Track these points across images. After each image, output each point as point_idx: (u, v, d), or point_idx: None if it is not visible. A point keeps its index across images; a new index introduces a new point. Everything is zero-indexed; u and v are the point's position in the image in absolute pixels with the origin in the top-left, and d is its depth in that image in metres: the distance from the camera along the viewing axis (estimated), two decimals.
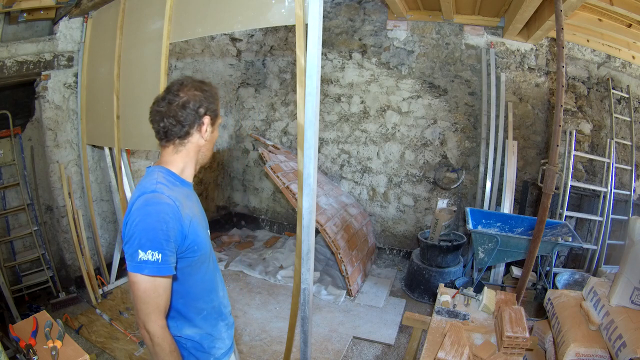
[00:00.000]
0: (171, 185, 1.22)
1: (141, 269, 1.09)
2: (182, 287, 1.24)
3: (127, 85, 2.88)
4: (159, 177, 1.22)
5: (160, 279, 1.13)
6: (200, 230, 1.24)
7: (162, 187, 1.18)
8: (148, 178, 1.23)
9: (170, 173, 1.26)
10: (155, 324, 1.14)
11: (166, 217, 1.12)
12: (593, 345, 1.92)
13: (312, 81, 1.67)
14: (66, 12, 3.10)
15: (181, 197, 1.21)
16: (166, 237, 1.12)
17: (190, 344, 1.30)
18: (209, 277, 1.32)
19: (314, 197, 1.79)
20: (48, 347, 1.71)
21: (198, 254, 1.24)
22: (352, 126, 4.69)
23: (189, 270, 1.24)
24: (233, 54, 4.96)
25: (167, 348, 1.16)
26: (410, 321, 2.36)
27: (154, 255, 1.09)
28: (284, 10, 1.83)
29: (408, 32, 4.32)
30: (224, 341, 1.40)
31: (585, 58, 3.80)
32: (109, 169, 3.34)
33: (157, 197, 1.14)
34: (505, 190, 3.72)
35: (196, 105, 1.24)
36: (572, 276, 3.28)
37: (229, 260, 4.33)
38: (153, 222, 1.11)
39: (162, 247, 1.11)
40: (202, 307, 1.31)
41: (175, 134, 1.24)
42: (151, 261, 1.09)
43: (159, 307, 1.14)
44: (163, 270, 1.12)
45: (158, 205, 1.13)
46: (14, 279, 3.27)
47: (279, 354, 2.82)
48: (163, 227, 1.11)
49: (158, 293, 1.13)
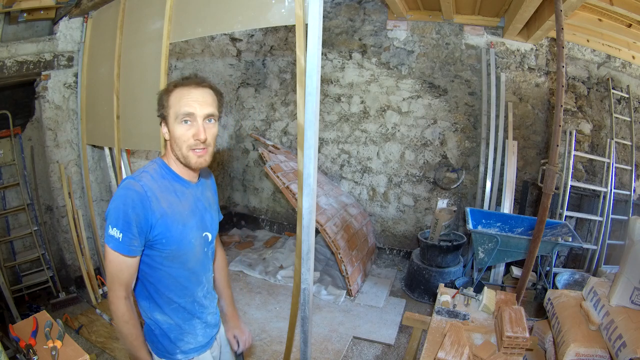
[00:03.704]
0: (157, 177, 1.27)
1: (108, 241, 1.18)
2: (154, 275, 1.28)
3: (127, 85, 2.88)
4: (149, 167, 1.29)
5: (122, 256, 1.19)
6: (174, 226, 1.26)
7: (145, 176, 1.25)
8: (144, 166, 1.31)
9: (164, 165, 1.32)
10: (112, 293, 1.22)
11: (132, 203, 1.18)
12: (593, 345, 1.92)
13: (312, 81, 1.67)
14: (66, 12, 3.10)
15: (161, 190, 1.25)
16: (128, 220, 1.17)
17: (159, 331, 1.34)
18: (183, 275, 1.32)
19: (314, 197, 1.79)
20: (48, 347, 1.70)
21: (168, 248, 1.26)
22: (352, 126, 4.69)
23: (160, 261, 1.27)
24: (233, 54, 4.96)
25: (121, 317, 1.22)
26: (410, 321, 2.35)
27: (117, 233, 1.17)
28: (284, 10, 1.83)
29: (408, 32, 4.32)
30: (196, 337, 1.40)
31: (585, 58, 3.80)
32: (109, 169, 3.34)
33: (132, 183, 1.21)
34: (505, 190, 3.72)
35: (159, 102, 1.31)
36: (572, 276, 3.28)
37: (229, 260, 4.33)
38: (119, 204, 1.18)
39: (123, 228, 1.17)
40: (172, 299, 1.32)
41: None
42: (115, 237, 1.17)
43: (120, 280, 1.21)
44: (123, 249, 1.18)
45: (129, 190, 1.19)
46: (14, 279, 3.27)
47: (279, 354, 2.83)
48: (128, 210, 1.17)
49: (120, 268, 1.21)
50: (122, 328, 1.23)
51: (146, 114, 2.69)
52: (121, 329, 1.24)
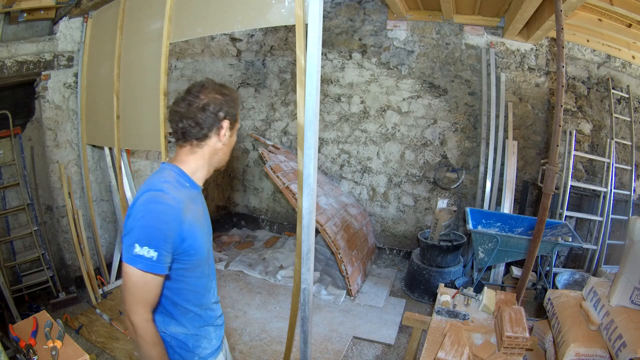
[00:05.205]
0: (179, 186, 1.22)
1: (135, 262, 1.11)
2: (173, 287, 1.25)
3: (127, 85, 2.88)
4: (168, 176, 1.22)
5: (151, 275, 1.14)
6: (199, 234, 1.24)
7: (169, 186, 1.18)
8: (159, 175, 1.23)
9: (182, 173, 1.26)
10: (139, 316, 1.15)
11: (167, 218, 1.13)
12: (593, 345, 1.92)
13: (312, 81, 1.67)
14: (66, 12, 3.10)
15: (186, 199, 1.21)
16: (164, 237, 1.12)
17: (175, 342, 1.31)
18: (202, 283, 1.32)
19: (314, 197, 1.79)
20: (48, 347, 1.71)
21: (194, 258, 1.23)
22: (352, 126, 4.69)
23: (182, 273, 1.24)
24: (233, 54, 4.96)
25: (150, 340, 1.17)
26: (410, 321, 2.35)
27: (149, 252, 1.10)
28: (284, 10, 1.83)
29: (408, 32, 4.32)
30: (210, 341, 1.39)
31: (585, 58, 3.80)
32: (109, 169, 3.34)
33: (162, 196, 1.15)
34: (505, 190, 3.72)
35: (216, 109, 1.24)
36: (572, 276, 3.28)
37: (229, 260, 4.33)
38: (153, 221, 1.12)
39: (158, 245, 1.12)
40: (189, 309, 1.30)
41: (193, 135, 1.24)
42: (146, 257, 1.10)
43: (147, 301, 1.16)
44: (156, 268, 1.13)
45: (161, 205, 1.14)
46: (14, 279, 3.27)
47: (279, 353, 2.82)
48: (162, 226, 1.12)
49: (148, 288, 1.15)
50: (151, 352, 1.18)
51: (146, 114, 2.69)
52: (150, 352, 1.18)
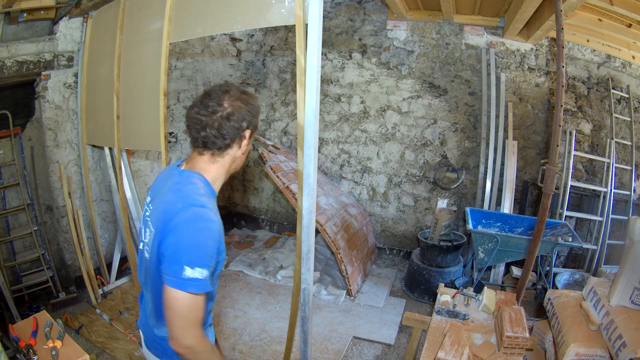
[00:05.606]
0: (208, 197, 1.19)
1: (186, 287, 1.06)
2: None
3: (127, 85, 2.88)
4: (201, 187, 1.18)
5: (203, 295, 1.11)
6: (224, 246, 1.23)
7: (206, 200, 1.15)
8: (189, 186, 1.18)
9: (208, 183, 1.23)
10: (194, 337, 1.11)
11: (214, 235, 1.11)
12: (593, 345, 1.92)
13: (312, 81, 1.67)
14: (66, 12, 3.10)
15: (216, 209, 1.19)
16: (212, 254, 1.10)
17: None
18: (213, 292, 1.31)
19: (314, 197, 1.79)
20: (48, 347, 1.71)
21: (221, 266, 1.22)
22: (352, 126, 4.69)
23: None
24: (233, 54, 4.96)
25: (209, 350, 1.16)
26: (410, 321, 2.36)
27: (202, 273, 1.07)
28: (284, 10, 1.83)
29: (408, 32, 4.32)
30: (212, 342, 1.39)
31: (585, 58, 3.80)
32: (109, 169, 3.34)
33: (207, 213, 1.12)
34: (505, 190, 3.72)
35: (240, 119, 1.21)
36: (572, 276, 3.28)
37: (229, 260, 4.33)
38: (204, 240, 1.09)
39: (208, 264, 1.09)
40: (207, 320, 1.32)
41: (215, 145, 1.21)
42: (199, 279, 1.06)
43: (198, 319, 1.12)
44: (207, 287, 1.10)
45: (209, 223, 1.11)
46: (14, 279, 3.27)
47: (279, 353, 2.82)
48: (210, 243, 1.10)
49: (198, 307, 1.11)
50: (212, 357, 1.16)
51: (146, 114, 2.69)
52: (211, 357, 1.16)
